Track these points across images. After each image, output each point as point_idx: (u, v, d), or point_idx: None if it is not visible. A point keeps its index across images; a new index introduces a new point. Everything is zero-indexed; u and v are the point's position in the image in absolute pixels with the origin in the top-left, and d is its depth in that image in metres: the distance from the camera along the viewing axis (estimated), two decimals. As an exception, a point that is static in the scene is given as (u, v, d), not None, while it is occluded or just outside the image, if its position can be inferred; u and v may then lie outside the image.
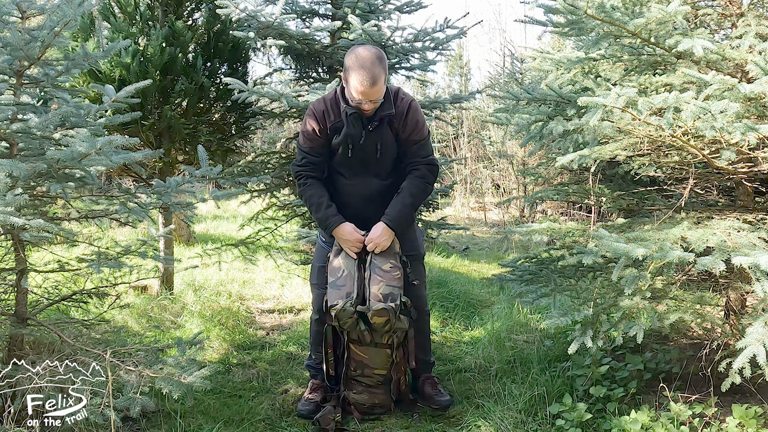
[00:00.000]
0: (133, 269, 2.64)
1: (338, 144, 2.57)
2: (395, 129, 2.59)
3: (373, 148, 2.57)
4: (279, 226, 4.69)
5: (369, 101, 2.44)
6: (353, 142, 2.55)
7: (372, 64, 2.39)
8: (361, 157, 2.58)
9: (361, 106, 2.47)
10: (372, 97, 2.43)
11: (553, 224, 2.66)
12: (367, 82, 2.38)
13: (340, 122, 2.56)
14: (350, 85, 2.44)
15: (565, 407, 2.39)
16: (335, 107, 2.57)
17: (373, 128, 2.54)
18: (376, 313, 2.45)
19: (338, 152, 2.59)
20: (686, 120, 1.85)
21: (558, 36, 6.66)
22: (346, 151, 2.57)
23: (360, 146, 2.56)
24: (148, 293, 4.32)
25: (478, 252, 7.23)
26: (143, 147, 3.83)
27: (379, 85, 2.41)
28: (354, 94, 2.43)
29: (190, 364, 2.28)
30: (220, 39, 4.01)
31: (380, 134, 2.56)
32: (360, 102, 2.45)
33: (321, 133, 2.58)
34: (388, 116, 2.54)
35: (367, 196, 2.65)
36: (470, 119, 11.33)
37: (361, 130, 2.54)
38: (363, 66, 2.38)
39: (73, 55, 2.27)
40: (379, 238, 2.57)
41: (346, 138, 2.54)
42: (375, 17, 4.00)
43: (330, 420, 2.51)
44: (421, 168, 2.63)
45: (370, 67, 2.38)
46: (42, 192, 2.40)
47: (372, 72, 2.38)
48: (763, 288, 1.76)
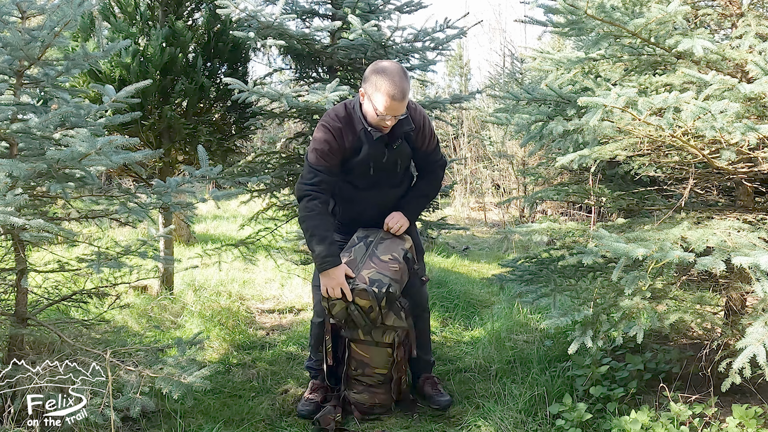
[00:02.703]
0: (133, 269, 2.64)
1: (358, 163, 2.50)
2: (413, 142, 2.59)
3: (393, 163, 2.56)
4: (279, 226, 4.69)
5: (393, 116, 2.37)
6: (376, 161, 2.51)
7: (401, 78, 2.31)
8: (382, 174, 2.58)
9: (384, 121, 2.38)
10: (398, 112, 2.35)
11: (553, 224, 2.66)
12: (398, 95, 2.30)
13: (356, 140, 2.47)
14: (376, 100, 2.33)
15: (565, 407, 2.39)
16: (350, 126, 2.47)
17: (396, 147, 2.51)
18: (357, 294, 2.43)
19: (357, 171, 2.54)
20: (686, 120, 1.85)
21: (558, 36, 6.66)
22: (367, 170, 2.52)
23: (382, 165, 2.54)
24: (148, 293, 4.33)
25: (478, 252, 7.23)
26: (143, 147, 3.83)
27: (405, 101, 2.35)
28: (380, 108, 2.33)
29: (190, 364, 2.28)
30: (220, 39, 4.01)
31: (400, 151, 2.56)
32: (384, 117, 2.35)
33: (337, 152, 2.46)
34: (410, 132, 2.51)
35: (381, 204, 2.68)
36: (470, 119, 11.33)
37: (384, 148, 2.50)
38: (392, 80, 2.29)
39: (73, 55, 2.27)
40: (400, 219, 2.61)
41: (369, 158, 2.49)
42: (375, 17, 4.00)
43: (330, 420, 2.51)
44: (437, 170, 2.72)
45: (399, 81, 2.30)
46: (42, 192, 2.40)
47: (402, 86, 2.30)
48: (763, 288, 1.76)
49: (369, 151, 2.47)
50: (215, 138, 4.11)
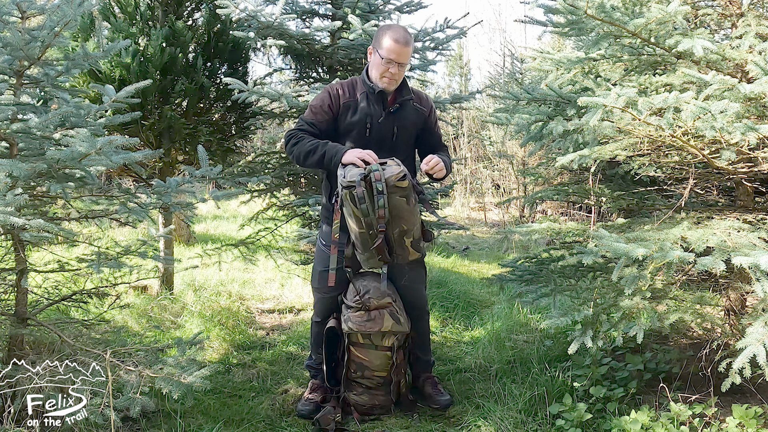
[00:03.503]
0: (133, 269, 2.64)
1: (355, 123, 2.56)
2: (424, 123, 2.66)
3: (390, 130, 2.58)
4: (279, 226, 4.69)
5: (397, 64, 2.47)
6: (372, 121, 2.55)
7: (405, 30, 2.50)
8: (378, 138, 2.57)
9: (388, 69, 2.47)
10: (401, 58, 2.46)
11: (553, 224, 2.66)
12: (402, 40, 2.45)
13: (352, 100, 2.57)
14: (381, 45, 2.47)
15: (565, 407, 2.39)
16: (351, 88, 2.60)
17: (394, 110, 2.57)
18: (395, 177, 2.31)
19: (354, 132, 2.57)
20: (686, 120, 1.85)
21: (558, 36, 6.65)
22: (364, 130, 2.56)
23: (378, 126, 2.56)
24: (148, 293, 4.32)
25: (478, 252, 7.23)
26: (143, 147, 3.83)
27: (409, 48, 2.49)
28: (384, 52, 2.46)
29: (190, 364, 2.28)
30: (220, 39, 4.01)
31: (399, 117, 2.59)
32: (389, 62, 2.46)
33: (330, 107, 2.57)
34: (408, 101, 2.60)
35: None
36: (470, 119, 11.34)
37: (382, 110, 2.56)
38: (397, 29, 2.49)
39: (73, 55, 2.27)
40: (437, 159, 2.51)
41: (366, 117, 2.55)
42: (375, 17, 4.00)
43: (330, 420, 2.51)
44: (446, 153, 2.73)
45: (403, 31, 2.49)
46: (42, 192, 2.41)
47: (405, 34, 2.47)
48: (763, 288, 1.76)
49: (367, 110, 2.55)
50: (215, 138, 4.11)
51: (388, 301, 2.60)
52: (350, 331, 2.59)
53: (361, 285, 2.62)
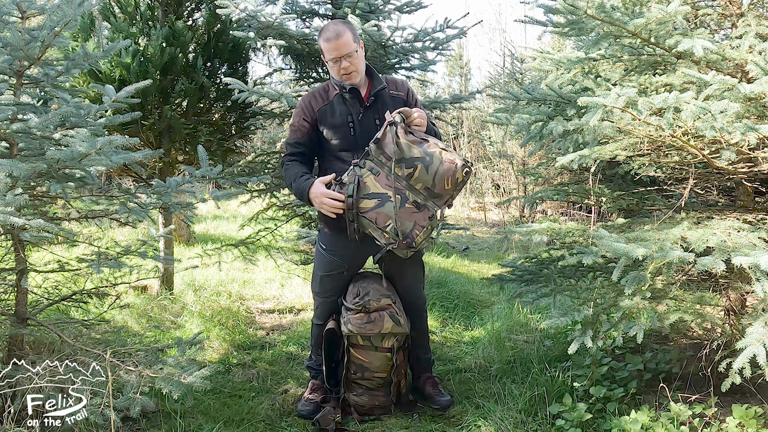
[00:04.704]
0: (133, 269, 2.64)
1: (338, 126, 2.55)
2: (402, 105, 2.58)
3: (372, 124, 2.55)
4: (279, 226, 4.69)
5: (342, 57, 2.46)
6: (353, 119, 2.54)
7: (333, 24, 2.50)
8: (364, 135, 2.53)
9: (339, 69, 2.47)
10: (341, 50, 2.45)
11: (553, 224, 2.66)
12: (332, 36, 2.44)
13: (327, 105, 2.56)
14: (322, 50, 2.49)
15: (565, 407, 2.39)
16: (323, 93, 2.60)
17: (370, 104, 2.55)
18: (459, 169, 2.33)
19: (339, 135, 2.55)
20: (686, 120, 1.85)
21: (558, 36, 6.66)
22: (348, 130, 2.54)
23: (360, 123, 2.54)
24: (148, 293, 4.32)
25: (478, 252, 7.24)
26: (143, 147, 3.83)
27: (344, 37, 2.46)
28: (326, 56, 2.49)
29: (190, 364, 2.28)
30: (220, 39, 4.01)
31: (377, 109, 2.56)
32: (335, 62, 2.46)
33: (306, 120, 2.58)
34: (383, 90, 2.58)
35: None
36: (470, 119, 11.34)
37: (360, 107, 2.55)
38: (325, 29, 2.50)
39: (73, 55, 2.27)
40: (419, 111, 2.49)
41: (346, 117, 2.54)
42: (375, 17, 4.00)
43: (330, 420, 2.51)
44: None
45: (330, 26, 2.49)
46: (42, 192, 2.40)
47: (334, 28, 2.47)
48: (763, 288, 1.76)
49: (345, 110, 2.54)
50: (215, 138, 4.11)
51: (388, 302, 2.60)
52: (350, 334, 2.59)
53: (361, 287, 2.63)
